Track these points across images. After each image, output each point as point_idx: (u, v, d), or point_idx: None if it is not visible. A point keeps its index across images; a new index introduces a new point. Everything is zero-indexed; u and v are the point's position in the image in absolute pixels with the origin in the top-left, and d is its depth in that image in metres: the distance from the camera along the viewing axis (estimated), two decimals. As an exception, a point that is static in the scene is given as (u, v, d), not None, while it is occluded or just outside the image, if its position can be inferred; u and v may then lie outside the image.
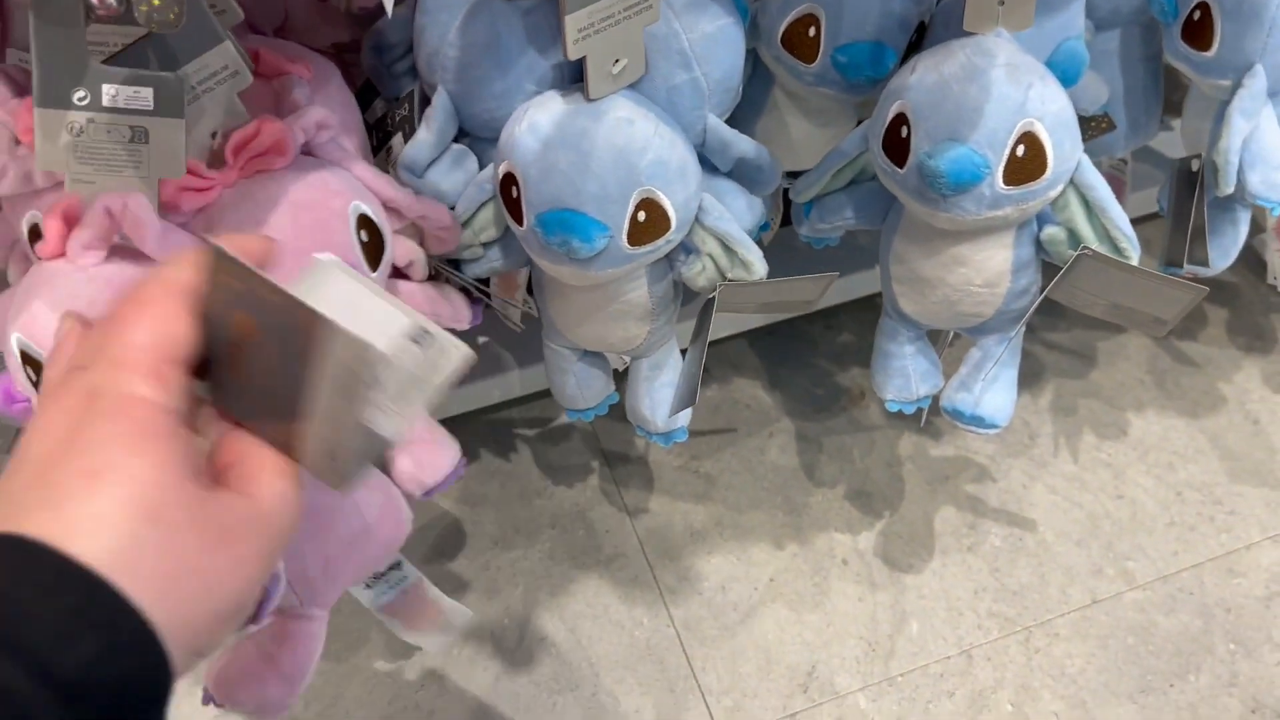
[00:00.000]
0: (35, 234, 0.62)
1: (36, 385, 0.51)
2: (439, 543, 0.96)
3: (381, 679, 0.88)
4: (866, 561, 0.94)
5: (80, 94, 0.47)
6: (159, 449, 0.33)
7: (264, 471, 0.35)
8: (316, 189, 0.61)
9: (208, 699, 0.65)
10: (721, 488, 0.99)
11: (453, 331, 0.77)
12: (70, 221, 0.50)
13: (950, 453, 1.01)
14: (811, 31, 0.70)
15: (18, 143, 0.61)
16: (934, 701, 0.87)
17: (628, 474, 1.00)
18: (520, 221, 0.66)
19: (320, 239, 0.61)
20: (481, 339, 0.97)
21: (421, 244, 0.72)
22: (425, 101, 0.72)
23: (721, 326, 0.78)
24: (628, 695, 0.87)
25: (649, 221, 0.64)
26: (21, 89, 0.60)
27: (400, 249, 0.69)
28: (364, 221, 0.64)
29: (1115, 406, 1.04)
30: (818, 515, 0.97)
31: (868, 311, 1.11)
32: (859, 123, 0.82)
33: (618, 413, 0.84)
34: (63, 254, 0.50)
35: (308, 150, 0.63)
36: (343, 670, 0.89)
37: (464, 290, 0.77)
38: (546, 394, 1.04)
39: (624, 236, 0.64)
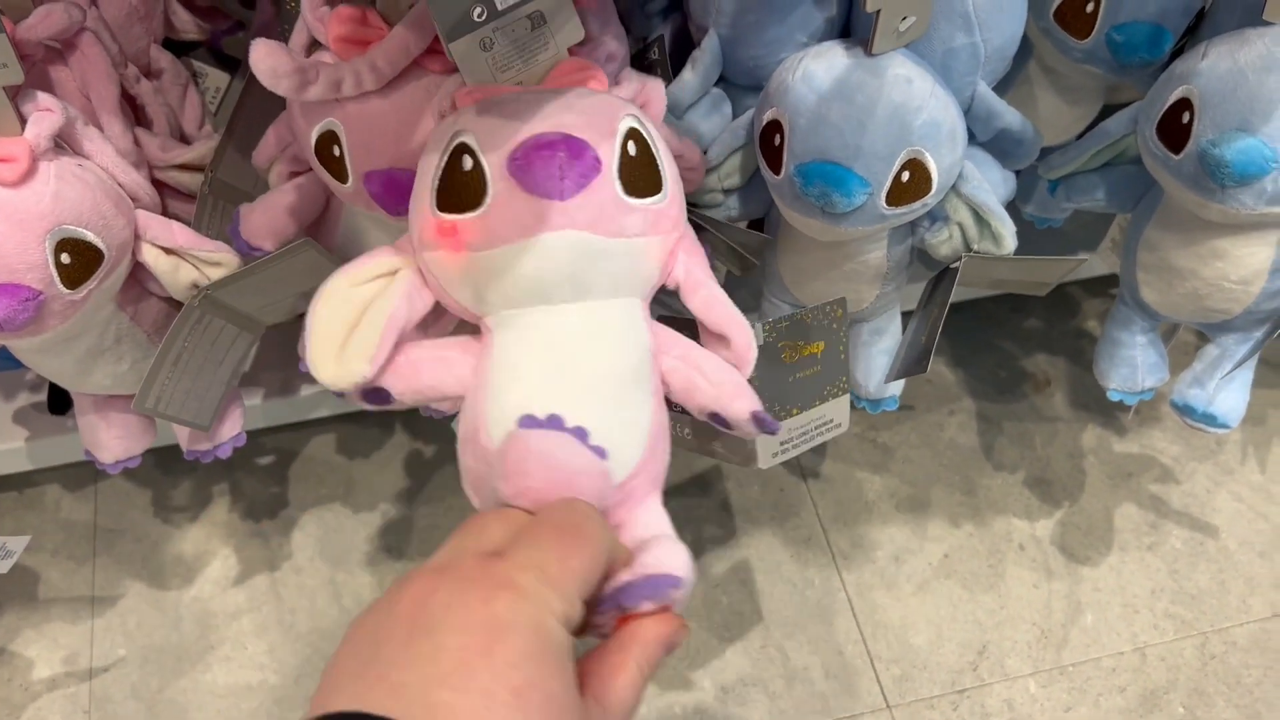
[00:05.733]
0: (327, 141, 0.63)
1: None
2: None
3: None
4: (1043, 549, 0.94)
5: (478, 10, 0.49)
6: (562, 666, 0.36)
7: (619, 678, 0.39)
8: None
9: None
10: (899, 460, 0.99)
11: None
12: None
13: (1134, 450, 1.00)
14: (1089, 7, 0.69)
15: (316, 45, 0.63)
16: (1104, 695, 0.86)
17: (804, 435, 1.01)
18: (777, 170, 0.66)
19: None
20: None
21: None
22: (680, 45, 0.73)
23: (912, 298, 0.78)
24: (797, 651, 0.88)
25: (911, 182, 0.63)
26: (332, -5, 0.61)
27: None
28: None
29: (1307, 421, 1.02)
30: (996, 498, 0.97)
31: (1057, 298, 1.09)
32: (1104, 105, 0.81)
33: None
34: None
35: None
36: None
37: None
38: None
39: (883, 195, 0.63)
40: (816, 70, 0.63)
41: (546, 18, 0.51)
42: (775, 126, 0.65)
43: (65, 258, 0.58)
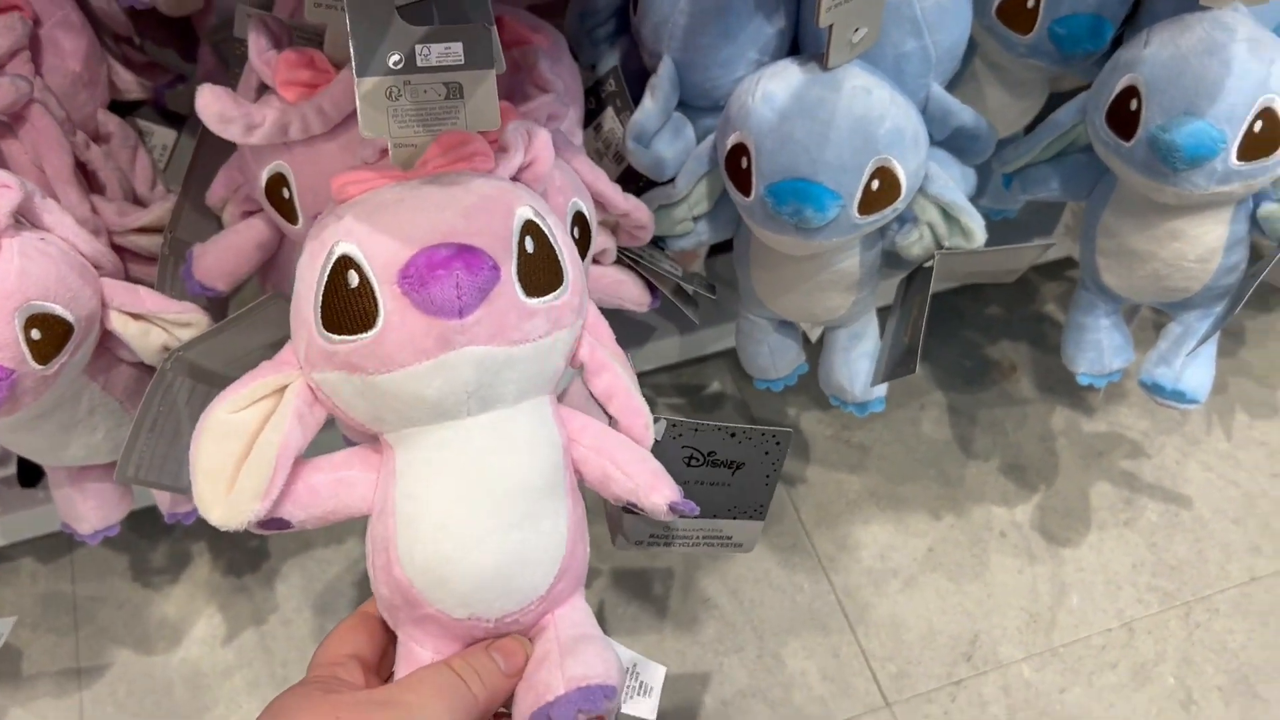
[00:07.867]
0: (277, 183, 0.63)
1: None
2: (598, 500, 0.97)
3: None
4: (1024, 534, 0.95)
5: (395, 58, 0.47)
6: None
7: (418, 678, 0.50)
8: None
9: None
10: (875, 458, 1.00)
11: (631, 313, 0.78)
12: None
13: (1102, 428, 1.02)
14: (1030, 3, 0.70)
15: (265, 89, 0.62)
16: (1097, 673, 0.88)
17: (780, 442, 1.01)
18: (747, 193, 0.66)
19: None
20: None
21: (613, 233, 0.72)
22: (637, 75, 0.73)
23: (884, 296, 0.79)
24: (793, 658, 0.89)
25: (881, 190, 0.64)
26: (278, 40, 0.61)
27: (598, 240, 0.69)
28: (579, 219, 0.64)
29: (1266, 385, 1.04)
30: (973, 487, 0.98)
31: (1014, 284, 1.11)
32: (1050, 95, 0.82)
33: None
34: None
35: None
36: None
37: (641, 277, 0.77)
38: (699, 360, 1.05)
39: (855, 205, 0.64)
40: (775, 90, 0.64)
41: (464, 92, 0.48)
42: (741, 149, 0.66)
43: (35, 334, 0.57)
